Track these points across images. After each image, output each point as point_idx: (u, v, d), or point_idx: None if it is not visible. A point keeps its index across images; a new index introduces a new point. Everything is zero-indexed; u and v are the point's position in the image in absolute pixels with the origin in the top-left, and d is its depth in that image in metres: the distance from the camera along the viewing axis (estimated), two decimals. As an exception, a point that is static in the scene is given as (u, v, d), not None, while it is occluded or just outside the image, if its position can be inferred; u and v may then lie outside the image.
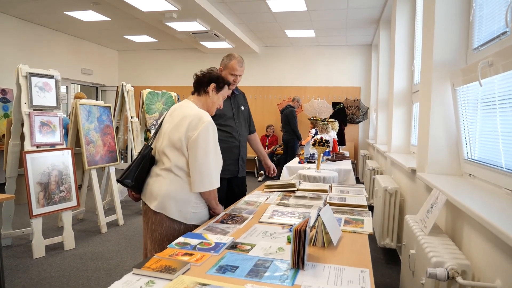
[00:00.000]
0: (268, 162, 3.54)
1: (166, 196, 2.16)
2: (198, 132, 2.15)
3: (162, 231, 2.19)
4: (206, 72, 2.39)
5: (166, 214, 2.17)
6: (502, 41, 2.02)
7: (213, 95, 2.38)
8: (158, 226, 2.19)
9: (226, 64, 3.09)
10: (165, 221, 2.18)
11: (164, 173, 2.21)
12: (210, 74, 2.37)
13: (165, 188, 2.17)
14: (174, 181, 2.18)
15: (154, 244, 2.21)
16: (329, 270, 1.53)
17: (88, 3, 6.81)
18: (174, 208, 2.17)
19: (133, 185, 2.25)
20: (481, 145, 2.35)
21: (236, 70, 3.05)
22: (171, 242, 1.92)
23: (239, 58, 3.08)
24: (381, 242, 3.80)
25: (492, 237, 1.64)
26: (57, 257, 3.90)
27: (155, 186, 2.21)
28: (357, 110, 9.51)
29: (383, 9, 6.56)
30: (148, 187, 2.26)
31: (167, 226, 2.18)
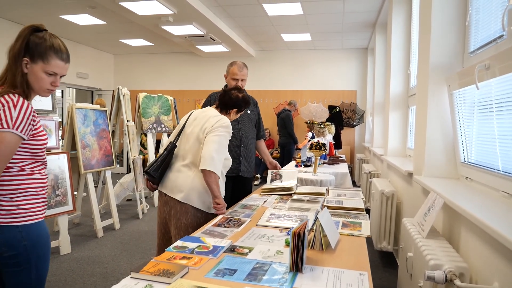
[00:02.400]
0: (272, 160, 3.72)
1: (191, 189, 2.47)
2: (216, 127, 2.51)
3: (187, 219, 2.47)
4: (234, 96, 2.73)
5: (191, 204, 2.46)
6: (499, 44, 2.03)
7: (233, 116, 2.78)
8: (183, 214, 2.47)
9: (228, 71, 3.38)
10: (190, 210, 2.47)
11: (186, 169, 2.54)
12: (237, 100, 2.73)
13: (190, 181, 2.48)
14: (198, 175, 2.48)
15: (179, 230, 2.47)
16: (327, 273, 1.52)
17: (84, 7, 6.80)
18: (198, 199, 2.47)
19: (159, 176, 2.57)
20: (477, 148, 2.36)
21: (236, 75, 3.32)
22: (194, 229, 2.38)
23: (239, 64, 3.35)
24: (377, 245, 3.80)
25: (489, 239, 1.64)
26: (53, 262, 3.87)
27: (179, 180, 2.51)
28: (353, 113, 9.53)
29: (379, 13, 6.59)
30: (170, 181, 2.55)
31: (191, 214, 2.47)
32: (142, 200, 6.04)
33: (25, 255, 1.69)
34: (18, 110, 1.59)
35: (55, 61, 1.72)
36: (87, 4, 6.64)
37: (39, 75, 1.70)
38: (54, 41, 1.74)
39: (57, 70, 1.74)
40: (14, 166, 1.67)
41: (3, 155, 1.57)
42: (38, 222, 1.76)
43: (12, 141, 1.59)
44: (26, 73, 1.69)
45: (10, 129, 1.56)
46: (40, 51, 1.68)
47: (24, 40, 1.68)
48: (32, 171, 1.73)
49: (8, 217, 1.65)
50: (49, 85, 1.75)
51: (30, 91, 1.73)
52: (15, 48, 1.67)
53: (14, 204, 1.67)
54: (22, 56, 1.67)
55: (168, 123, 6.61)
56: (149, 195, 7.00)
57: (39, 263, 1.75)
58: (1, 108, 1.57)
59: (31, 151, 1.71)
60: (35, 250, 1.73)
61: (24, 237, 1.69)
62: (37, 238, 1.74)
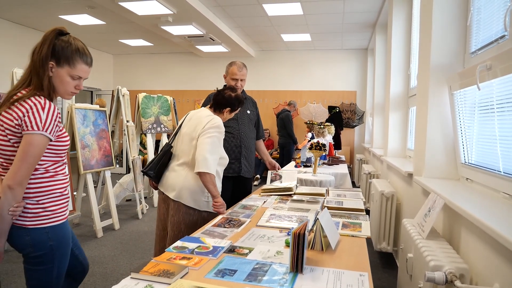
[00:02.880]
0: (272, 160, 3.75)
1: (183, 187, 2.56)
2: (207, 128, 2.56)
3: (180, 216, 2.56)
4: (227, 95, 2.77)
5: (183, 202, 2.56)
6: (500, 44, 2.02)
7: (226, 115, 2.81)
8: (176, 212, 2.57)
9: (228, 71, 3.39)
10: (182, 208, 2.56)
11: (180, 168, 2.63)
12: (230, 99, 2.77)
13: (182, 180, 2.57)
14: (189, 174, 2.57)
15: (172, 226, 2.57)
16: (328, 274, 1.52)
17: (83, 7, 6.79)
18: (189, 197, 2.55)
19: (154, 176, 2.67)
20: (478, 149, 2.35)
21: (236, 75, 3.34)
22: (187, 225, 2.54)
23: (239, 64, 3.37)
24: (377, 246, 3.79)
25: (490, 240, 1.63)
26: (52, 262, 3.85)
27: (173, 179, 2.61)
28: (353, 114, 9.53)
29: (379, 13, 6.59)
30: (167, 179, 2.66)
31: (184, 212, 2.56)
32: (142, 200, 6.03)
33: (50, 255, 1.75)
34: (46, 113, 1.63)
35: (80, 65, 1.77)
36: (86, 4, 6.63)
37: (65, 79, 1.75)
38: (79, 45, 1.79)
39: (82, 74, 1.80)
40: (40, 168, 1.70)
41: (33, 157, 1.61)
42: (63, 223, 1.82)
43: (41, 143, 1.63)
44: (51, 76, 1.73)
45: (39, 131, 1.61)
46: (67, 56, 1.73)
47: (51, 44, 1.70)
48: (55, 172, 1.77)
49: (35, 220, 1.70)
50: (73, 88, 1.80)
51: (54, 94, 1.76)
52: (42, 52, 1.69)
53: (40, 207, 1.71)
54: (48, 60, 1.70)
55: (168, 123, 6.60)
56: (148, 195, 6.99)
57: (61, 261, 1.82)
58: (30, 111, 1.61)
59: (56, 152, 1.75)
60: (60, 250, 1.79)
61: (51, 237, 1.74)
62: (62, 238, 1.81)
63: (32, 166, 1.63)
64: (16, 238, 1.71)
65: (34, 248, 1.71)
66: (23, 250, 1.73)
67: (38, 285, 1.78)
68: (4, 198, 1.60)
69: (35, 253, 1.72)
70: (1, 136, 1.66)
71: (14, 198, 1.62)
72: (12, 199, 1.61)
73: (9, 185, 1.59)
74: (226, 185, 3.24)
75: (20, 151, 1.60)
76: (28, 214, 1.68)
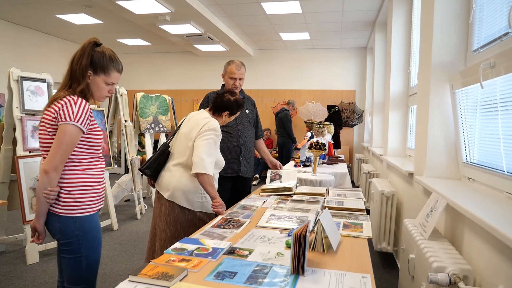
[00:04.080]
0: (273, 160, 3.75)
1: (176, 188, 2.57)
2: (203, 130, 2.57)
3: (175, 215, 2.59)
4: (226, 99, 2.78)
5: (177, 202, 2.58)
6: (504, 42, 1.99)
7: (225, 118, 2.82)
8: (171, 211, 2.59)
9: (226, 70, 3.36)
10: (176, 207, 2.59)
11: (175, 168, 2.64)
12: (229, 103, 2.77)
13: (175, 180, 2.59)
14: (183, 175, 2.59)
15: (169, 225, 2.59)
16: (329, 276, 1.49)
17: (80, 6, 6.74)
18: (182, 197, 2.57)
19: (151, 174, 2.70)
20: (480, 148, 2.32)
21: (234, 74, 3.30)
22: (182, 224, 2.57)
23: (237, 62, 3.34)
24: (377, 246, 3.77)
25: (494, 241, 1.61)
26: (51, 263, 3.83)
27: (167, 179, 2.63)
28: (352, 113, 9.51)
29: (379, 11, 6.56)
30: (162, 179, 2.67)
31: (178, 211, 2.59)
32: (140, 200, 6.00)
33: (76, 244, 1.90)
34: (78, 106, 1.83)
35: (114, 73, 2.00)
36: (84, 3, 6.59)
37: (101, 85, 1.98)
38: (112, 55, 2.01)
39: (115, 81, 2.03)
40: (74, 159, 1.88)
41: (65, 145, 1.80)
42: (91, 215, 1.96)
43: (74, 132, 1.81)
44: (88, 83, 1.94)
45: (71, 121, 1.80)
46: (103, 66, 1.95)
47: (89, 56, 1.92)
48: (88, 166, 1.94)
49: (65, 208, 1.86)
50: (106, 92, 2.03)
51: (90, 97, 1.98)
52: (82, 63, 1.90)
53: (71, 197, 1.87)
54: (87, 70, 1.92)
55: (166, 123, 6.57)
56: (147, 196, 6.96)
57: (90, 253, 1.95)
58: (64, 105, 1.81)
59: (89, 145, 1.92)
60: (86, 241, 1.92)
61: (77, 227, 1.89)
62: (89, 230, 1.94)
63: (65, 153, 1.81)
64: (50, 223, 1.89)
65: (62, 235, 1.88)
66: (54, 236, 1.91)
67: (69, 275, 1.94)
68: (40, 181, 1.80)
69: (63, 240, 1.89)
70: (43, 130, 1.86)
71: (49, 182, 1.79)
72: (47, 183, 1.79)
73: (45, 170, 1.78)
74: (225, 185, 3.24)
75: (56, 139, 1.80)
76: (60, 203, 1.85)
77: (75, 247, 1.90)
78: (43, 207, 1.83)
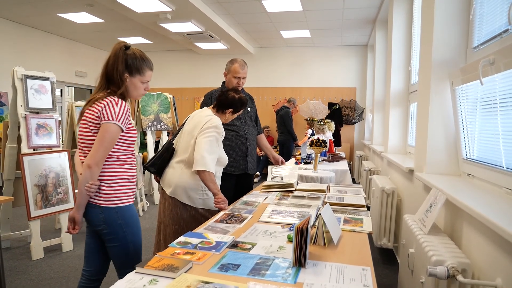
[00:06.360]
0: (276, 156, 3.78)
1: (177, 185, 2.62)
2: (205, 128, 2.61)
3: (178, 211, 2.65)
4: (230, 96, 2.80)
5: (178, 199, 2.64)
6: (504, 39, 2.01)
7: (228, 116, 2.85)
8: (174, 207, 2.66)
9: (229, 68, 3.36)
10: (178, 204, 2.65)
11: (178, 165, 2.68)
12: (233, 100, 2.80)
13: (177, 177, 2.64)
14: (185, 172, 2.63)
15: (172, 221, 2.66)
16: (330, 268, 1.53)
17: (82, 4, 6.76)
18: (184, 194, 2.62)
19: (155, 171, 2.79)
20: (480, 144, 2.34)
21: (239, 73, 3.33)
22: (185, 220, 2.64)
23: (241, 62, 3.35)
24: (378, 242, 3.80)
25: (492, 235, 1.64)
26: (56, 259, 3.88)
27: (170, 175, 2.68)
28: (352, 111, 9.52)
29: (380, 9, 6.57)
30: (166, 175, 2.73)
31: (180, 208, 2.65)
32: (143, 197, 6.03)
33: (121, 232, 2.05)
34: (118, 107, 1.96)
35: (148, 72, 2.13)
36: (85, 2, 6.60)
37: (137, 85, 2.11)
38: (142, 55, 2.12)
39: (149, 78, 2.15)
40: (113, 155, 2.01)
41: (107, 142, 1.93)
42: (130, 205, 2.11)
43: (115, 130, 1.95)
44: (126, 85, 2.07)
45: (113, 121, 1.93)
46: (137, 67, 2.08)
47: (123, 60, 2.03)
48: (125, 161, 2.07)
49: (107, 200, 2.00)
50: (143, 90, 2.16)
51: (128, 97, 2.12)
52: (119, 68, 2.02)
53: (112, 189, 2.01)
54: (124, 74, 2.04)
55: (168, 121, 6.60)
56: (149, 193, 6.98)
57: (134, 239, 2.10)
58: (106, 106, 1.93)
59: (126, 143, 2.05)
60: (129, 228, 2.08)
61: (120, 217, 2.04)
62: (130, 218, 2.09)
63: (107, 149, 1.94)
64: (93, 215, 2.00)
65: (107, 225, 2.01)
66: (98, 227, 2.03)
67: (119, 261, 2.11)
68: (83, 175, 1.91)
69: (108, 230, 2.02)
70: (85, 128, 1.99)
71: (91, 176, 1.92)
72: (89, 177, 1.91)
73: (88, 164, 1.90)
74: (230, 182, 3.27)
75: (98, 136, 1.92)
76: (102, 195, 1.98)
77: (120, 235, 2.04)
78: (83, 199, 1.95)
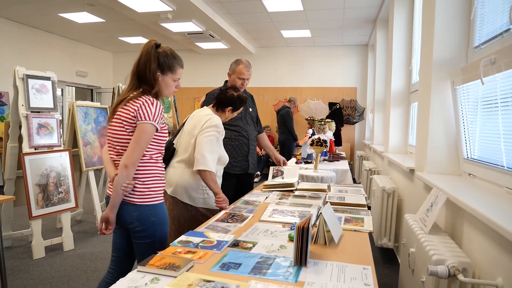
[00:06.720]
0: (278, 156, 3.78)
1: (177, 184, 2.63)
2: (205, 127, 2.61)
3: (179, 211, 2.65)
4: (229, 94, 2.81)
5: (179, 198, 2.64)
6: (505, 38, 2.01)
7: (228, 114, 2.85)
8: (175, 206, 2.66)
9: (234, 69, 3.35)
10: (179, 203, 2.65)
11: (178, 165, 2.69)
12: (232, 98, 2.81)
13: (178, 177, 2.64)
14: (185, 171, 2.63)
15: (173, 220, 2.65)
16: (331, 267, 1.53)
17: (83, 4, 6.77)
18: (184, 194, 2.62)
19: None
20: (481, 144, 2.34)
21: (244, 74, 3.33)
22: (186, 219, 2.63)
23: (246, 63, 3.35)
24: (378, 242, 3.80)
25: (493, 234, 1.64)
26: (57, 258, 3.89)
27: (171, 175, 2.67)
28: (353, 110, 9.52)
29: (380, 8, 6.57)
30: (166, 175, 2.68)
31: (181, 207, 2.65)
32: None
33: (152, 230, 2.03)
34: (155, 107, 1.97)
35: (179, 70, 2.16)
36: (86, 1, 6.61)
37: (169, 83, 2.13)
38: (173, 53, 2.14)
39: (180, 76, 2.18)
40: (147, 155, 2.02)
41: (144, 142, 1.95)
42: (162, 203, 2.11)
43: (151, 130, 1.96)
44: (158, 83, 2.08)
45: (150, 121, 1.94)
46: (169, 66, 2.10)
47: (155, 59, 2.05)
48: (157, 160, 2.08)
49: (142, 198, 2.00)
50: (174, 88, 2.18)
51: (160, 95, 2.12)
52: (152, 67, 2.04)
53: (146, 187, 2.02)
54: (157, 73, 2.06)
55: (168, 120, 6.60)
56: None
57: (162, 237, 2.09)
58: (142, 106, 1.94)
59: (159, 142, 2.07)
60: (160, 226, 2.07)
61: (153, 214, 2.03)
62: (162, 216, 2.09)
63: (142, 149, 1.96)
64: (126, 213, 1.99)
65: (140, 222, 2.00)
66: (130, 224, 2.01)
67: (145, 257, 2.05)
68: (120, 175, 1.91)
69: (140, 227, 2.01)
70: (119, 127, 1.99)
71: (128, 176, 1.93)
72: (126, 177, 1.92)
73: (126, 164, 1.91)
74: (231, 181, 3.28)
75: (135, 136, 1.93)
76: (136, 193, 1.99)
77: (150, 233, 2.03)
78: (119, 198, 1.95)
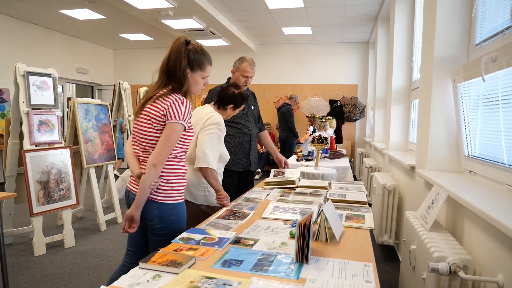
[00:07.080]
0: (279, 156, 3.77)
1: None
2: (207, 125, 2.61)
3: None
4: (230, 92, 2.82)
5: None
6: (506, 36, 2.01)
7: (230, 112, 2.86)
8: None
9: (238, 67, 3.34)
10: None
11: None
12: (233, 96, 2.82)
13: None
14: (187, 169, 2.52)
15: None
16: (333, 264, 1.54)
17: (83, 1, 6.75)
18: (186, 191, 2.49)
19: None
20: (482, 141, 2.34)
21: (248, 72, 3.33)
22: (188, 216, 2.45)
23: (250, 61, 3.35)
24: (379, 239, 3.81)
25: (494, 232, 1.64)
26: (58, 255, 3.90)
27: None
28: (354, 108, 9.52)
29: (381, 5, 6.56)
30: None
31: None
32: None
33: (171, 228, 2.04)
34: (184, 106, 1.96)
35: (208, 67, 2.13)
36: (87, -2, 6.61)
37: (198, 80, 2.11)
38: (203, 50, 2.11)
39: (209, 74, 2.15)
40: (173, 153, 2.01)
41: (172, 141, 1.94)
42: (182, 202, 2.12)
43: (180, 130, 1.96)
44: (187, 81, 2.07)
45: (180, 120, 1.94)
46: (199, 63, 2.07)
47: (186, 57, 2.03)
48: (181, 159, 2.08)
49: (164, 196, 2.01)
50: (202, 85, 2.15)
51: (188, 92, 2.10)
52: (182, 65, 2.02)
53: (169, 185, 2.02)
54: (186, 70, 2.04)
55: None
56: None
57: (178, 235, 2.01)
58: (172, 105, 1.93)
59: (185, 141, 2.06)
60: (179, 225, 2.08)
61: (173, 213, 2.04)
62: (181, 215, 2.10)
63: (170, 148, 1.95)
64: (147, 210, 1.99)
65: (160, 220, 2.01)
66: (150, 222, 2.02)
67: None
68: (148, 174, 1.91)
69: (160, 225, 2.01)
70: (147, 124, 1.98)
71: (155, 174, 1.93)
72: (154, 175, 1.92)
73: (154, 163, 1.90)
74: (233, 178, 3.29)
75: (164, 135, 1.93)
76: (160, 191, 1.99)
77: (169, 231, 2.03)
78: (145, 197, 1.95)
